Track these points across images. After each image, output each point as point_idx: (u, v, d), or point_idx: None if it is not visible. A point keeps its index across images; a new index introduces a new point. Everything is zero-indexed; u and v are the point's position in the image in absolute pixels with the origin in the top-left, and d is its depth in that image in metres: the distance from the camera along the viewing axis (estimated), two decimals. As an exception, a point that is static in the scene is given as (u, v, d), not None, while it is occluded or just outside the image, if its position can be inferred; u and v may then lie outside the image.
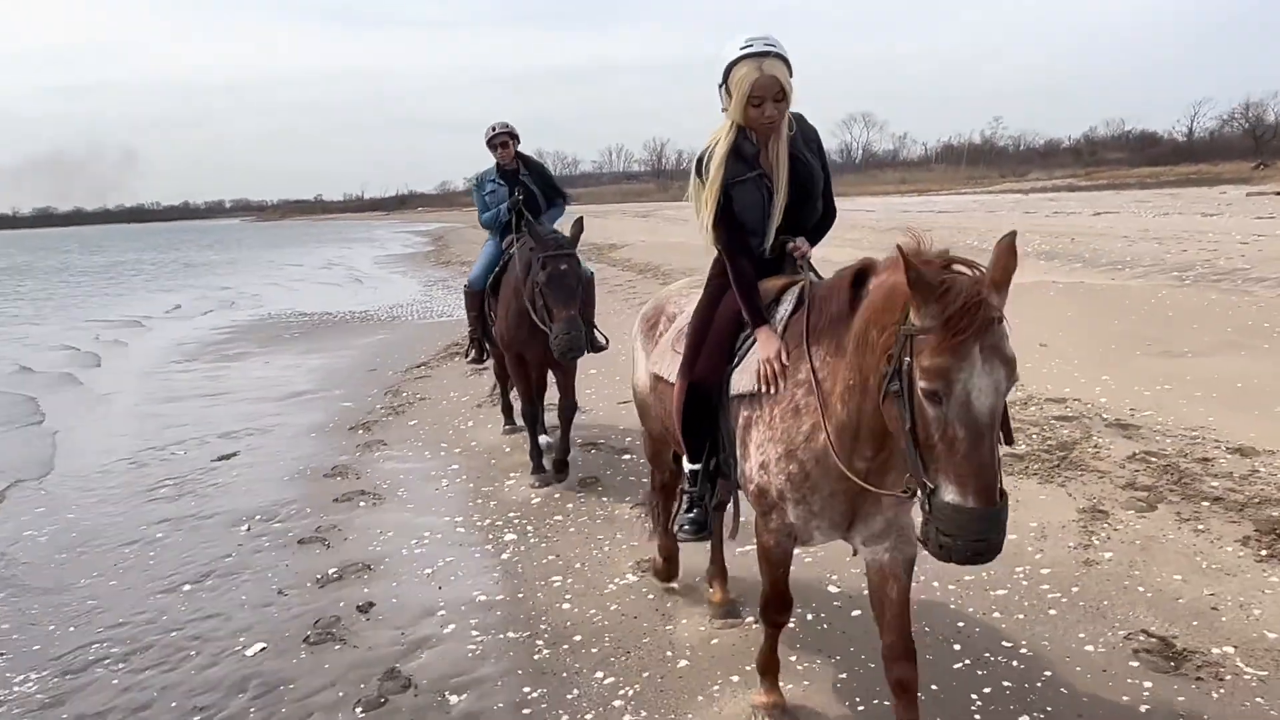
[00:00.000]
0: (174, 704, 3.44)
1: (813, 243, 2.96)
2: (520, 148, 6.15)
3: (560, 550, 4.62)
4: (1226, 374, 6.90)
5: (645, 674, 3.36)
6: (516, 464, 6.04)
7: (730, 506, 3.15)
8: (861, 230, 22.26)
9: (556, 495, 5.44)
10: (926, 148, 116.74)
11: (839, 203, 3.13)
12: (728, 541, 3.53)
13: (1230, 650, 3.26)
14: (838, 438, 2.43)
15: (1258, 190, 34.26)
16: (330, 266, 30.88)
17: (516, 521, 5.07)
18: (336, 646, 3.78)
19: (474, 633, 3.81)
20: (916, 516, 2.21)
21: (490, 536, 4.89)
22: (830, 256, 3.24)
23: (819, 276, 2.86)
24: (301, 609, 4.16)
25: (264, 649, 3.80)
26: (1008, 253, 2.06)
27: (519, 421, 6.36)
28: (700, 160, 2.91)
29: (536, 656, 3.56)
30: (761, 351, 2.69)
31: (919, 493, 2.11)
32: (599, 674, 3.38)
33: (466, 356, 6.97)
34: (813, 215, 2.95)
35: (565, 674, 3.41)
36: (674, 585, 4.00)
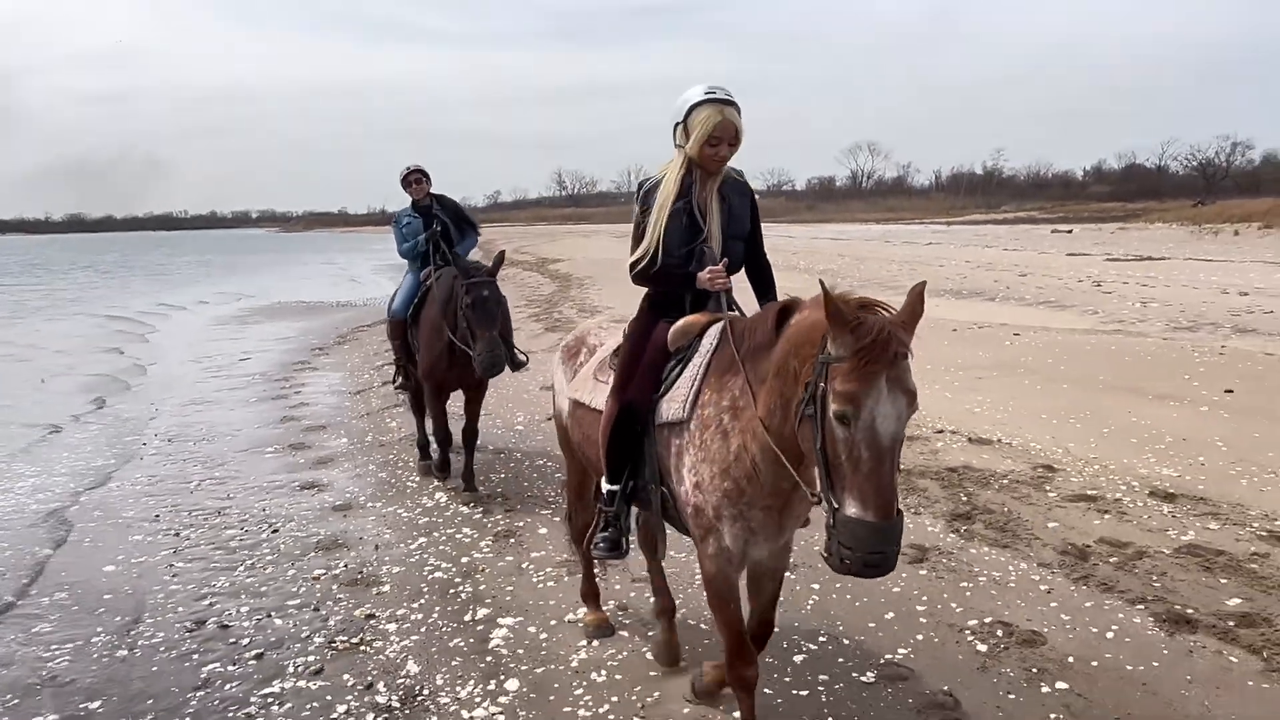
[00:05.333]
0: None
1: (763, 294, 3.26)
2: (439, 190, 6.71)
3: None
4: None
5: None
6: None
7: (655, 531, 3.42)
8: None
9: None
10: (939, 175, 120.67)
11: (833, 228, 6.59)
12: (659, 560, 3.77)
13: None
14: (762, 456, 2.65)
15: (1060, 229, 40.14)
16: (331, 269, 37.38)
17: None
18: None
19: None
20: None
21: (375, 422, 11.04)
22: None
23: (740, 310, 3.10)
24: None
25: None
26: (917, 299, 2.31)
27: (434, 457, 6.58)
28: (643, 188, 3.19)
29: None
30: (707, 276, 3.07)
31: (825, 508, 2.32)
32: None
33: (393, 384, 7.28)
34: (739, 256, 3.22)
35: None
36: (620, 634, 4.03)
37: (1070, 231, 38.99)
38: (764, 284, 3.30)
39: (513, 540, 5.35)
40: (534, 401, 8.62)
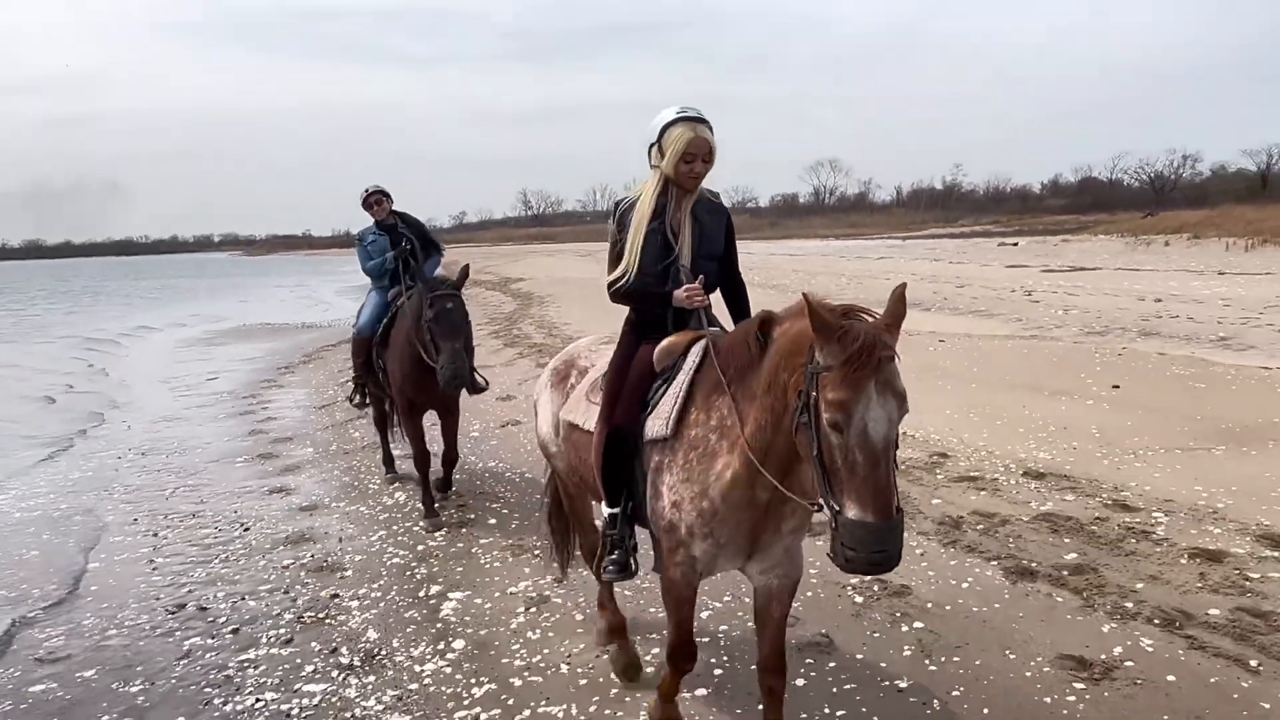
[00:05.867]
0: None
1: (739, 313, 3.31)
2: (394, 206, 6.68)
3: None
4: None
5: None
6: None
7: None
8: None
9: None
10: (900, 191, 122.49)
11: (793, 244, 7.23)
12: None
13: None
14: (744, 474, 2.69)
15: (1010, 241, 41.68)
16: (296, 291, 37.60)
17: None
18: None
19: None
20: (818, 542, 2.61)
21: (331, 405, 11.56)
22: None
23: (721, 327, 3.16)
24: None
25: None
26: (898, 301, 2.36)
27: (399, 469, 6.80)
28: (618, 208, 3.26)
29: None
30: (684, 294, 3.10)
31: (827, 512, 2.36)
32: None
33: (351, 400, 7.37)
34: (713, 274, 3.25)
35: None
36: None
37: (1016, 244, 40.36)
38: (739, 303, 3.35)
39: (464, 530, 5.94)
40: (489, 411, 9.20)
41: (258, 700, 3.91)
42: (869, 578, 4.66)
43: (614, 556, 3.28)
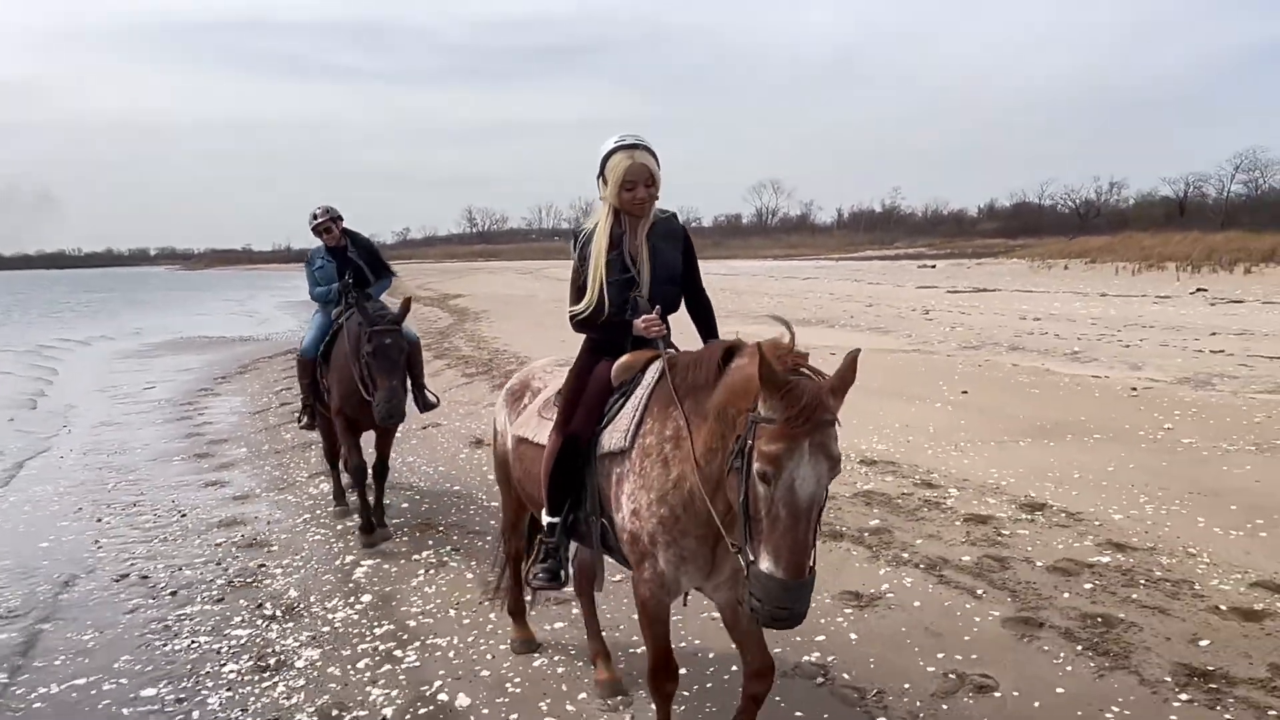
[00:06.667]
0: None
1: (705, 330, 3.36)
2: (347, 225, 6.62)
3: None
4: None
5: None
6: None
7: (593, 563, 3.37)
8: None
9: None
10: (841, 213, 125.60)
11: (731, 264, 7.89)
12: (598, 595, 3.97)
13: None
14: (698, 488, 2.72)
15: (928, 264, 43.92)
16: (234, 306, 37.71)
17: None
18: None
19: (238, 417, 11.10)
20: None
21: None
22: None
23: (676, 349, 3.21)
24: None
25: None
26: (850, 367, 2.38)
27: (351, 499, 6.65)
28: (576, 239, 3.30)
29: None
30: (642, 325, 3.17)
31: (741, 560, 2.41)
32: None
33: (299, 422, 7.22)
34: (673, 297, 3.32)
35: None
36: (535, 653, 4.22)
37: (934, 267, 42.44)
38: (705, 320, 3.40)
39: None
40: (413, 415, 10.01)
41: (192, 642, 4.72)
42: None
43: (546, 564, 3.37)
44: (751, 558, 2.36)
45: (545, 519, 3.34)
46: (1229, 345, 13.66)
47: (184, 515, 6.96)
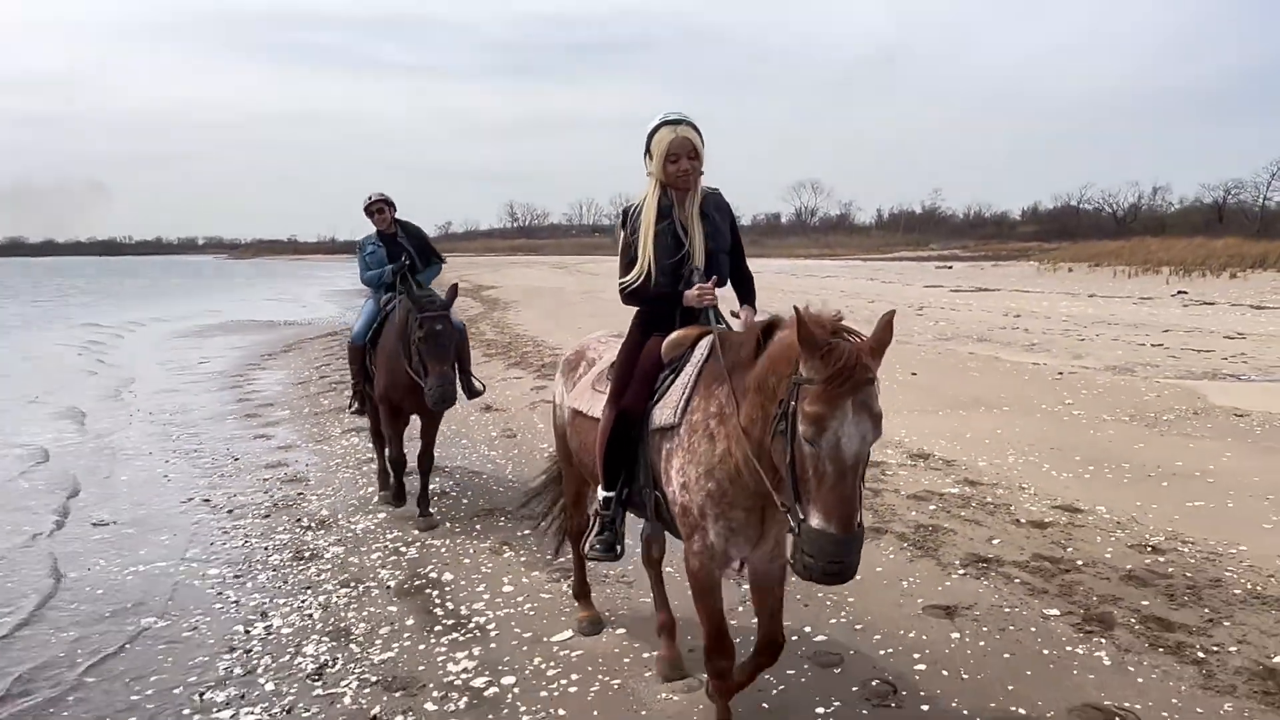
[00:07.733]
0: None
1: (744, 299, 3.47)
2: (398, 214, 6.75)
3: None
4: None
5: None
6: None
7: (653, 534, 3.63)
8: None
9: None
10: (881, 213, 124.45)
11: (760, 262, 8.53)
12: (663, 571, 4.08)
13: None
14: (745, 461, 2.77)
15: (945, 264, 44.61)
16: (281, 293, 39.62)
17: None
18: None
19: (282, 386, 12.52)
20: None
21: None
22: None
23: (727, 324, 3.27)
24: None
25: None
26: (885, 327, 2.44)
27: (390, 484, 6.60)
28: (626, 214, 3.40)
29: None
30: (695, 293, 3.26)
31: (791, 519, 2.47)
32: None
33: (350, 407, 7.36)
34: (721, 269, 3.39)
35: None
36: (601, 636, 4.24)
37: (950, 267, 42.96)
38: (745, 290, 3.53)
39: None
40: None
41: (245, 543, 6.02)
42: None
43: (603, 536, 3.43)
44: (802, 516, 2.43)
45: (600, 493, 3.43)
46: (1172, 340, 14.61)
47: (237, 459, 8.31)
